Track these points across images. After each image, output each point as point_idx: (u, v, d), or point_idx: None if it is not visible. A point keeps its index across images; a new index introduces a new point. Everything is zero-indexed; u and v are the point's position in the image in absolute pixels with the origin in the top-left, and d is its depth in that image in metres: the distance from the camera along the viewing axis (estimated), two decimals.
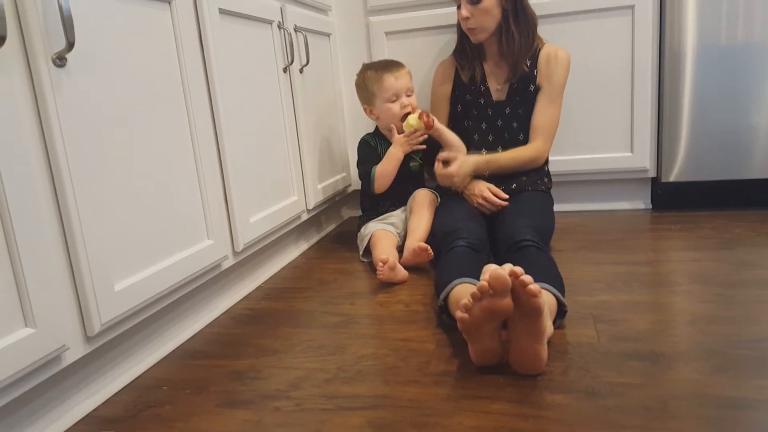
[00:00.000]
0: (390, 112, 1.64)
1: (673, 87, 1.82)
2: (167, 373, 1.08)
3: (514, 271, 0.89)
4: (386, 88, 1.63)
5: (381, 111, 1.66)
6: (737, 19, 1.73)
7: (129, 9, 1.01)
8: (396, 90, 1.63)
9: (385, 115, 1.66)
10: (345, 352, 1.10)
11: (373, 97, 1.66)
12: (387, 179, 1.65)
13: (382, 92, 1.63)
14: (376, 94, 1.64)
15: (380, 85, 1.63)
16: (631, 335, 1.06)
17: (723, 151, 1.82)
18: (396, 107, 1.63)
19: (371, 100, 1.67)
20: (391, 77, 1.62)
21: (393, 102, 1.64)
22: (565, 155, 1.93)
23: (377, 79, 1.64)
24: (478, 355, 0.97)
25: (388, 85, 1.62)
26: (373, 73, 1.66)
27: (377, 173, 1.65)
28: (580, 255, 1.55)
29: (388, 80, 1.62)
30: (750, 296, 1.20)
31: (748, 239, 1.57)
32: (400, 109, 1.63)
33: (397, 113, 1.63)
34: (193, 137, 1.18)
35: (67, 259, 0.88)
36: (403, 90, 1.64)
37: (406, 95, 1.65)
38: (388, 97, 1.63)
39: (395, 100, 1.64)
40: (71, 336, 0.89)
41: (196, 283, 1.21)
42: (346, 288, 1.46)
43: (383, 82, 1.62)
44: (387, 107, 1.64)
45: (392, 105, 1.63)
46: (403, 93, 1.64)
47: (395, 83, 1.62)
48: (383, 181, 1.65)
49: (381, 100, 1.64)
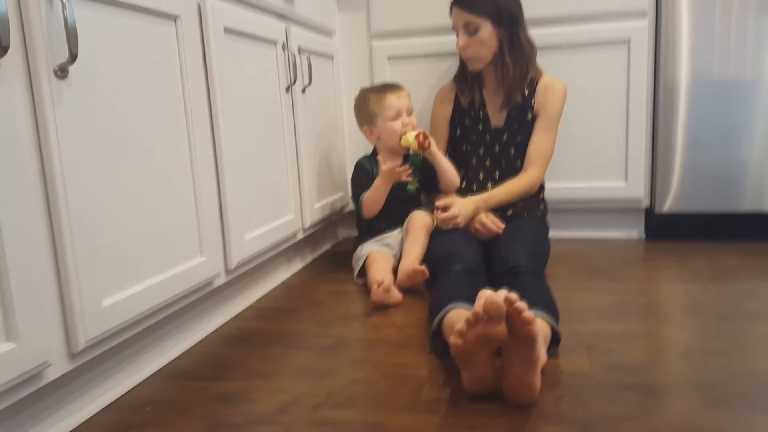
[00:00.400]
0: (392, 130, 1.65)
1: (667, 119, 1.84)
2: (152, 393, 1.06)
3: (509, 297, 0.88)
4: (388, 107, 1.64)
5: (383, 130, 1.67)
6: (729, 55, 1.77)
7: (134, 24, 1.01)
8: (398, 108, 1.65)
9: (386, 134, 1.67)
10: (336, 376, 1.08)
11: (375, 116, 1.67)
12: (374, 207, 1.67)
13: (384, 111, 1.65)
14: (378, 113, 1.66)
15: (382, 104, 1.65)
16: (625, 366, 1.06)
17: (715, 183, 1.84)
18: (398, 125, 1.65)
19: (372, 120, 1.68)
20: (393, 96, 1.65)
21: (395, 120, 1.65)
22: (561, 183, 1.94)
23: (379, 99, 1.66)
24: (471, 383, 0.96)
25: (390, 103, 1.64)
26: (374, 93, 1.68)
27: (364, 201, 1.67)
28: (575, 282, 1.55)
29: (390, 99, 1.65)
30: (743, 329, 1.20)
31: (740, 271, 1.57)
32: (401, 127, 1.65)
33: (398, 131, 1.65)
34: (192, 153, 1.18)
35: (55, 272, 0.87)
36: (404, 109, 1.66)
37: (407, 114, 1.67)
38: (391, 115, 1.65)
39: (397, 118, 1.65)
40: (54, 352, 0.87)
41: (186, 300, 1.20)
42: (339, 310, 1.44)
43: (385, 101, 1.65)
44: (389, 126, 1.65)
45: (394, 123, 1.65)
46: (404, 112, 1.66)
47: (397, 102, 1.65)
48: (370, 208, 1.67)
49: (383, 119, 1.66)
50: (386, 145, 1.71)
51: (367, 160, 1.76)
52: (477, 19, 1.57)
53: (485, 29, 1.57)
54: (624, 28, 1.84)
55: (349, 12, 2.05)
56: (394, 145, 1.68)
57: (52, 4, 0.83)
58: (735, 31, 1.75)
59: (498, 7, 1.56)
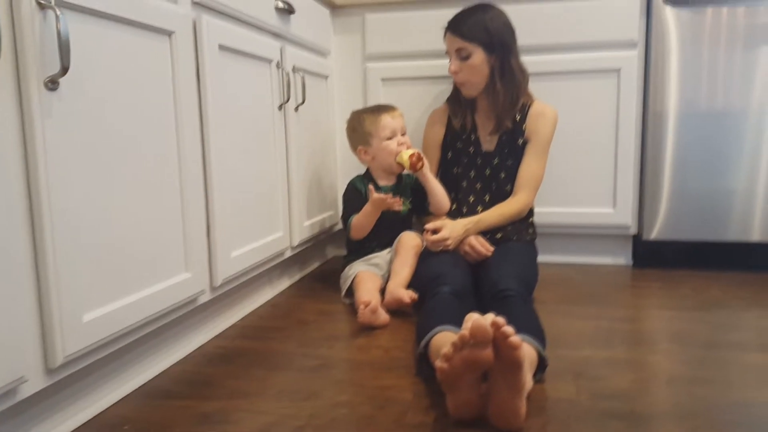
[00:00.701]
0: (388, 149, 1.67)
1: (656, 148, 1.86)
2: (131, 412, 1.03)
3: (496, 321, 0.87)
4: (384, 126, 1.66)
5: (378, 150, 1.68)
6: (717, 86, 1.80)
7: (128, 38, 1.01)
8: (393, 128, 1.67)
9: (382, 153, 1.68)
10: (319, 397, 1.07)
11: (370, 136, 1.68)
12: (362, 231, 1.67)
13: (379, 131, 1.66)
14: (373, 133, 1.67)
15: (378, 124, 1.66)
16: (611, 393, 1.05)
17: (702, 212, 1.85)
18: (393, 144, 1.67)
19: (367, 140, 1.69)
20: (387, 116, 1.67)
21: (390, 140, 1.67)
22: (550, 208, 1.95)
23: (375, 119, 1.67)
24: (456, 408, 0.95)
25: (385, 123, 1.66)
26: (369, 114, 1.70)
27: (353, 224, 1.67)
28: (562, 308, 1.54)
29: (386, 119, 1.67)
30: (728, 359, 1.20)
31: (726, 301, 1.58)
32: (397, 146, 1.66)
33: (394, 150, 1.66)
34: (181, 169, 1.17)
35: (35, 285, 0.85)
36: (399, 129, 1.68)
37: (401, 134, 1.69)
38: (386, 135, 1.66)
39: (392, 138, 1.67)
40: (31, 367, 0.85)
41: (169, 317, 1.18)
42: (325, 330, 1.43)
43: (381, 121, 1.66)
44: (385, 145, 1.67)
45: (390, 142, 1.67)
46: (398, 132, 1.68)
47: (392, 122, 1.67)
48: (358, 232, 1.68)
49: (378, 139, 1.67)
50: (381, 165, 1.71)
51: (360, 180, 1.76)
52: (469, 45, 1.59)
53: (477, 55, 1.59)
54: (614, 57, 1.86)
55: (344, 34, 2.07)
56: (389, 165, 1.69)
57: (46, 15, 0.82)
58: (723, 63, 1.78)
59: (490, 34, 1.58)
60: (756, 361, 1.19)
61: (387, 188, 1.72)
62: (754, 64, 1.76)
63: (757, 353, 1.22)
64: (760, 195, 1.81)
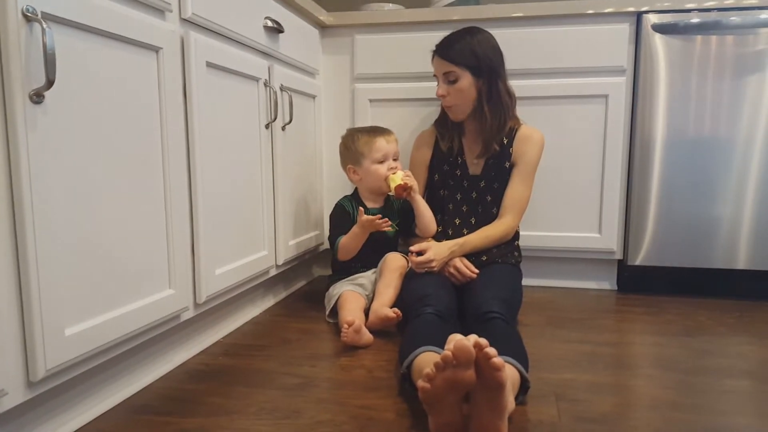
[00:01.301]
0: (377, 173, 1.68)
1: (642, 174, 1.88)
2: (113, 427, 1.02)
3: (478, 342, 0.88)
4: (377, 149, 1.67)
5: (367, 172, 1.69)
6: (705, 114, 1.82)
7: (115, 53, 1.02)
8: (386, 152, 1.68)
9: (371, 176, 1.69)
10: (301, 416, 1.06)
11: (362, 157, 1.69)
12: (350, 253, 1.67)
13: (372, 153, 1.67)
14: (366, 154, 1.68)
15: (371, 146, 1.68)
16: (592, 417, 1.05)
17: (687, 239, 1.87)
18: (383, 168, 1.68)
19: (358, 160, 1.70)
20: (382, 140, 1.69)
21: (381, 164, 1.68)
22: (536, 231, 1.96)
23: (369, 141, 1.69)
24: (438, 428, 0.94)
25: (379, 146, 1.68)
26: (364, 135, 1.71)
27: (341, 245, 1.67)
28: (546, 331, 1.55)
29: (380, 142, 1.68)
30: (711, 385, 1.20)
31: (710, 327, 1.59)
32: (386, 170, 1.67)
33: (383, 174, 1.67)
34: (166, 185, 1.17)
35: (18, 298, 0.85)
36: (391, 153, 1.70)
37: (393, 159, 1.70)
38: (378, 158, 1.68)
39: (383, 161, 1.68)
40: (12, 380, 0.84)
41: (152, 333, 1.17)
42: (308, 349, 1.42)
43: (375, 144, 1.68)
44: (375, 168, 1.68)
45: (380, 166, 1.68)
46: (390, 156, 1.69)
47: (386, 146, 1.69)
48: (345, 254, 1.68)
49: (369, 161, 1.68)
50: (368, 187, 1.73)
51: (348, 201, 1.76)
52: (457, 69, 1.60)
53: (464, 79, 1.61)
54: (603, 83, 1.89)
55: (333, 54, 2.08)
56: (377, 188, 1.71)
57: (32, 28, 0.83)
58: (711, 91, 1.80)
59: (478, 58, 1.59)
60: (738, 387, 1.19)
61: (375, 210, 1.73)
62: (743, 92, 1.79)
63: (740, 379, 1.23)
64: (746, 223, 1.83)
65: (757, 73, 1.78)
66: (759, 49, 1.77)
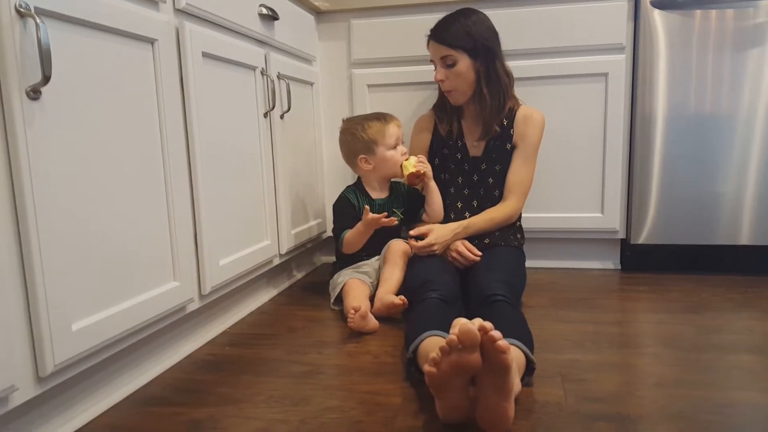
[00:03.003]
0: (393, 159, 1.67)
1: (644, 152, 1.87)
2: (121, 420, 1.03)
3: (483, 326, 0.88)
4: (390, 135, 1.66)
5: (383, 159, 1.67)
6: (705, 90, 1.81)
7: (110, 46, 1.01)
8: (398, 137, 1.68)
9: (386, 164, 1.67)
10: (309, 403, 1.07)
11: (375, 144, 1.66)
12: (354, 247, 1.66)
13: (386, 139, 1.66)
14: (379, 142, 1.66)
15: (384, 132, 1.66)
16: (598, 396, 1.06)
17: (690, 216, 1.87)
18: (398, 154, 1.67)
19: (371, 149, 1.67)
20: (393, 125, 1.68)
21: (395, 149, 1.67)
22: (538, 213, 1.96)
23: (381, 126, 1.66)
24: (444, 412, 0.95)
25: (391, 132, 1.66)
26: (374, 121, 1.68)
27: (346, 239, 1.66)
28: (550, 312, 1.55)
29: (392, 128, 1.67)
30: (715, 361, 1.21)
31: (714, 304, 1.59)
32: (401, 155, 1.67)
33: (399, 160, 1.66)
34: (167, 177, 1.17)
35: (24, 295, 0.85)
36: (401, 138, 1.70)
37: (401, 143, 1.70)
38: (392, 143, 1.66)
39: (396, 146, 1.68)
40: (21, 376, 0.85)
41: (158, 325, 1.18)
42: (314, 336, 1.43)
43: (388, 130, 1.66)
44: (390, 154, 1.67)
45: (394, 152, 1.67)
46: (401, 141, 1.69)
47: (397, 131, 1.68)
48: (350, 248, 1.67)
49: (384, 147, 1.66)
50: (381, 175, 1.71)
51: (353, 192, 1.74)
52: (454, 52, 1.59)
53: (462, 62, 1.59)
54: (602, 61, 1.88)
55: (329, 40, 2.07)
56: (392, 174, 1.70)
57: (26, 24, 0.82)
58: (711, 67, 1.79)
59: (474, 40, 1.58)
60: (743, 362, 1.20)
61: (381, 201, 1.72)
62: (743, 66, 1.77)
63: (745, 355, 1.23)
64: (749, 198, 1.83)
65: (757, 46, 1.76)
66: (759, 21, 1.75)
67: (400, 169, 1.66)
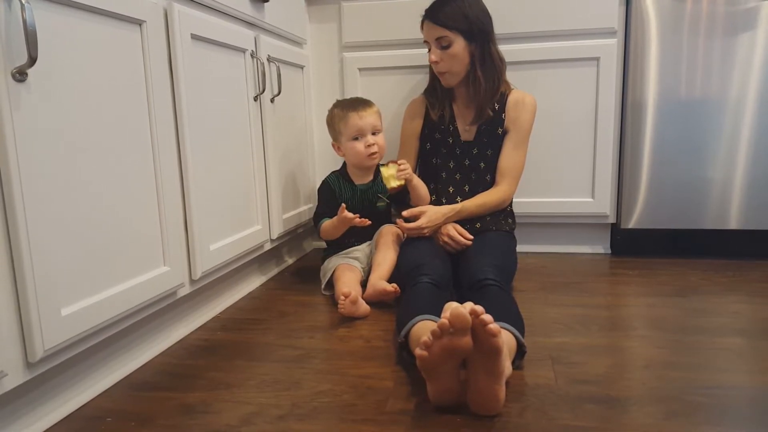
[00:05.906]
0: (354, 150, 1.64)
1: (634, 137, 1.88)
2: (113, 404, 1.03)
3: (474, 309, 0.88)
4: (350, 126, 1.62)
5: (346, 149, 1.67)
6: (696, 75, 1.81)
7: (98, 27, 1.00)
8: (359, 128, 1.62)
9: (349, 153, 1.67)
10: (301, 387, 1.07)
11: (339, 134, 1.66)
12: (331, 237, 1.67)
13: (346, 130, 1.63)
14: (342, 132, 1.65)
15: (345, 123, 1.63)
16: (588, 378, 1.07)
17: (680, 200, 1.88)
18: (360, 146, 1.63)
19: (338, 138, 1.68)
20: (355, 116, 1.62)
21: (357, 140, 1.64)
22: (529, 197, 1.96)
23: (342, 116, 1.64)
24: (436, 395, 0.96)
25: (351, 123, 1.62)
26: (339, 110, 1.66)
27: (323, 228, 1.66)
28: (540, 296, 1.56)
29: (353, 119, 1.62)
30: (703, 343, 1.22)
31: (702, 287, 1.60)
32: (365, 147, 1.63)
33: (361, 151, 1.63)
34: (156, 161, 1.16)
35: (12, 279, 0.84)
36: (368, 129, 1.63)
37: (372, 134, 1.64)
38: (351, 134, 1.63)
39: (359, 138, 1.63)
40: (10, 361, 0.84)
41: (149, 310, 1.17)
42: (305, 321, 1.43)
43: (348, 120, 1.63)
44: (351, 145, 1.64)
45: (356, 143, 1.63)
46: (368, 131, 1.63)
47: (359, 122, 1.62)
48: (327, 237, 1.68)
49: (345, 138, 1.65)
50: (351, 162, 1.70)
51: (336, 178, 1.73)
52: (449, 33, 1.57)
53: (457, 44, 1.57)
54: (593, 46, 1.87)
55: (320, 22, 2.05)
56: (358, 163, 1.67)
57: (11, 5, 0.81)
58: (702, 52, 1.79)
59: (470, 21, 1.56)
60: (731, 344, 1.21)
61: (363, 186, 1.71)
62: (734, 51, 1.78)
63: (732, 337, 1.25)
64: (738, 182, 1.84)
65: (748, 31, 1.76)
66: (750, 6, 1.75)
67: (366, 159, 1.64)
